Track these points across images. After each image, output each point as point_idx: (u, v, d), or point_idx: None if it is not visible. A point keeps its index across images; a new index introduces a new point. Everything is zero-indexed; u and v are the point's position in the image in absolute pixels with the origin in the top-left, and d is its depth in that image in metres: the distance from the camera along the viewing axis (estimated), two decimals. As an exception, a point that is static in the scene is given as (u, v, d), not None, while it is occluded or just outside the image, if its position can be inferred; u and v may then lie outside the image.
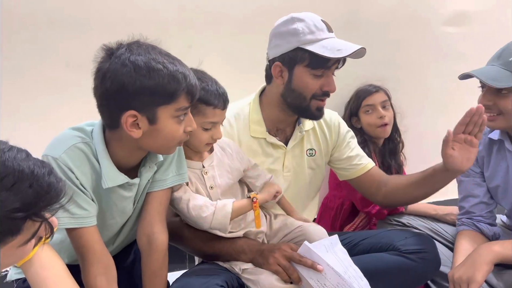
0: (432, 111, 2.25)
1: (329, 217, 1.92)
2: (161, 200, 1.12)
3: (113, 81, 0.93)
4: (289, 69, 1.31)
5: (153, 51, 0.96)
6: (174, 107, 0.98)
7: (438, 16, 2.17)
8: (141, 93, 0.93)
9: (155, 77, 0.93)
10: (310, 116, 1.37)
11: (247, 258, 1.23)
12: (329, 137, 1.49)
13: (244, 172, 1.32)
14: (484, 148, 1.46)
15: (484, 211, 1.48)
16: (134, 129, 0.97)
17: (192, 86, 0.99)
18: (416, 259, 1.29)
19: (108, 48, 0.96)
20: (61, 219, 0.97)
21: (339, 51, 1.25)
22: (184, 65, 1.00)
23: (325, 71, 1.30)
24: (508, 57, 1.27)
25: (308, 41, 1.27)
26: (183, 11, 1.70)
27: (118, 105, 0.95)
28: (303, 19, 1.30)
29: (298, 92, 1.32)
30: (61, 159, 0.98)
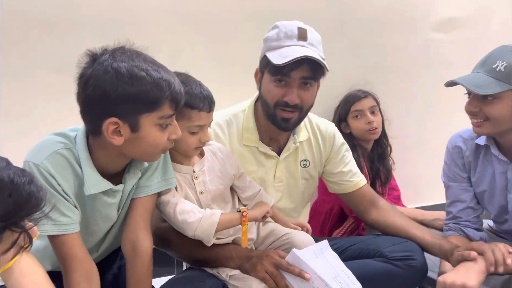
0: (420, 116, 2.26)
1: (319, 222, 1.92)
2: (146, 206, 1.11)
3: (95, 87, 0.92)
4: (262, 75, 1.33)
5: (137, 58, 0.94)
6: (157, 115, 0.97)
7: (426, 22, 2.19)
8: (123, 100, 0.92)
9: (137, 84, 0.92)
10: (277, 126, 1.33)
11: (235, 264, 1.22)
12: (323, 148, 1.48)
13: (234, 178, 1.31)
14: (471, 153, 1.47)
15: (471, 216, 1.49)
16: (116, 136, 0.96)
17: (176, 93, 0.98)
18: (403, 266, 1.29)
19: (92, 54, 0.95)
20: (43, 226, 0.95)
21: (285, 58, 1.22)
22: (169, 73, 0.99)
23: (286, 80, 1.27)
24: (492, 64, 1.28)
25: (271, 48, 1.28)
26: (173, 15, 1.69)
27: (100, 111, 0.94)
28: (278, 26, 1.30)
29: (264, 99, 1.33)
30: (43, 165, 0.96)
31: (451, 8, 2.23)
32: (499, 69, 1.26)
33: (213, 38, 1.76)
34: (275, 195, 1.41)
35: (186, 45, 1.73)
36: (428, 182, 2.08)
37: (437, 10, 2.20)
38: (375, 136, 1.89)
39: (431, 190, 2.09)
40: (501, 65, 1.26)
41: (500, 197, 1.43)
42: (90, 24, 1.59)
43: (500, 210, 1.46)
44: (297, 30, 1.27)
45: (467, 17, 2.26)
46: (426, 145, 2.21)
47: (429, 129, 2.26)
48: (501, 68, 1.26)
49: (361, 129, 1.86)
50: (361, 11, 2.03)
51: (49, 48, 1.57)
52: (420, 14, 2.17)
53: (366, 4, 2.04)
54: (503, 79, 1.26)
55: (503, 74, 1.26)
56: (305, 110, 1.33)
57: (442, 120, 2.23)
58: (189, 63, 1.72)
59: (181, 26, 1.71)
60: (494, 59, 1.29)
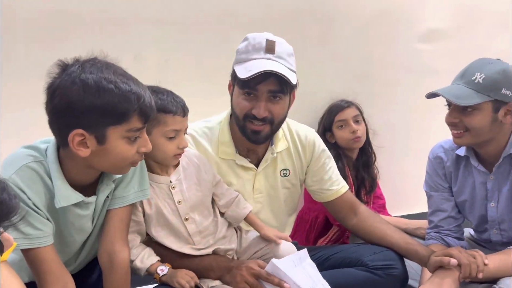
0: (405, 125, 2.28)
1: (304, 230, 1.93)
2: (122, 217, 1.11)
3: (61, 98, 0.92)
4: (233, 87, 1.34)
5: (106, 70, 0.94)
6: (125, 128, 0.96)
7: (411, 33, 2.22)
8: (89, 112, 0.92)
9: (104, 96, 0.91)
10: (248, 138, 1.33)
11: (215, 275, 1.23)
12: (303, 156, 1.47)
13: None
14: (452, 164, 1.50)
15: (452, 225, 1.51)
16: (82, 148, 0.95)
17: (146, 106, 0.97)
18: (383, 275, 1.31)
19: (62, 64, 0.95)
20: (15, 240, 0.93)
21: (249, 71, 1.22)
22: (140, 85, 0.98)
23: (254, 93, 1.27)
24: (470, 76, 1.31)
25: (239, 61, 1.29)
26: (160, 25, 1.71)
27: (66, 122, 0.94)
28: (248, 38, 1.31)
29: (234, 111, 1.33)
30: (11, 179, 0.96)
31: (436, 19, 2.26)
32: (477, 81, 1.29)
33: (201, 48, 1.77)
34: (254, 207, 1.40)
35: (173, 54, 1.74)
36: (413, 191, 2.09)
37: (422, 21, 2.23)
38: (359, 144, 1.91)
39: (416, 199, 2.09)
40: (479, 77, 1.29)
41: (480, 207, 1.46)
42: (78, 34, 1.59)
43: (480, 219, 1.48)
44: (265, 43, 1.26)
45: (451, 28, 2.29)
46: (411, 154, 2.22)
47: (414, 138, 2.28)
48: (479, 80, 1.29)
49: (345, 138, 1.87)
50: (346, 23, 2.05)
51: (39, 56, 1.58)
52: (405, 25, 2.19)
53: (352, 15, 2.06)
54: (482, 91, 1.29)
55: (482, 85, 1.29)
56: (276, 123, 1.32)
57: (427, 129, 2.25)
58: (177, 73, 1.77)
59: (168, 36, 1.72)
60: (472, 71, 1.32)
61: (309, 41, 1.99)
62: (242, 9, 1.81)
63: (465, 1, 2.30)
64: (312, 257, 1.37)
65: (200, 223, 1.25)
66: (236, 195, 1.32)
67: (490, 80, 1.28)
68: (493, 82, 1.28)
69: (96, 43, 1.54)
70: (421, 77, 2.25)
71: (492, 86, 1.28)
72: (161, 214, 1.21)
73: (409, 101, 2.27)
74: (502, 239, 1.45)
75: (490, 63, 1.32)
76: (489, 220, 1.45)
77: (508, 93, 1.29)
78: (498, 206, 1.42)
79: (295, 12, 1.93)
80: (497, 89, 1.28)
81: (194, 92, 1.68)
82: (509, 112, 1.31)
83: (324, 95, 2.00)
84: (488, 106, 1.30)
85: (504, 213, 1.41)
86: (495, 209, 1.42)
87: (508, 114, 1.32)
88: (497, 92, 1.28)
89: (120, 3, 1.63)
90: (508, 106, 1.31)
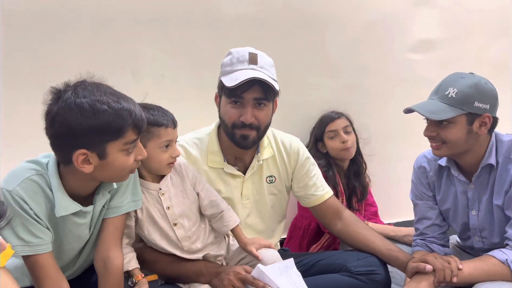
0: (397, 134, 2.33)
1: (298, 237, 2.00)
2: (117, 225, 1.19)
3: (61, 124, 1.00)
4: (220, 98, 1.42)
5: (97, 92, 1.02)
6: (122, 142, 1.05)
7: (403, 44, 2.27)
8: (88, 133, 1.00)
9: (100, 117, 1.00)
10: (237, 144, 1.41)
11: (205, 280, 1.30)
12: (288, 164, 1.55)
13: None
14: (434, 174, 1.55)
15: (436, 232, 1.56)
16: (86, 165, 1.04)
17: (138, 120, 1.06)
18: (366, 280, 1.36)
19: (55, 91, 1.03)
20: (16, 247, 1.04)
21: (235, 80, 1.31)
22: (130, 101, 1.06)
23: (240, 101, 1.36)
24: (444, 91, 1.36)
25: (225, 73, 1.38)
26: (156, 42, 1.79)
27: (68, 145, 1.02)
28: (232, 53, 1.40)
29: (223, 120, 1.42)
30: (15, 191, 1.04)
31: (427, 30, 2.30)
32: (450, 95, 1.34)
33: (195, 63, 1.85)
34: (243, 212, 1.48)
35: (168, 70, 1.82)
36: (405, 198, 2.14)
37: (413, 32, 2.28)
38: (350, 155, 1.97)
39: (408, 206, 2.15)
40: (452, 92, 1.34)
41: (463, 215, 1.50)
42: (75, 51, 1.67)
43: (463, 227, 1.53)
44: (248, 55, 1.36)
45: (442, 38, 2.34)
46: (403, 162, 2.22)
47: (406, 146, 2.31)
48: (452, 94, 1.34)
49: (336, 148, 1.94)
50: (338, 33, 2.11)
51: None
52: (397, 35, 2.24)
53: (343, 27, 2.11)
54: (455, 105, 1.33)
55: (455, 100, 1.34)
56: (262, 129, 1.41)
57: (418, 137, 2.27)
58: (172, 87, 1.85)
59: (163, 52, 1.80)
60: (446, 87, 1.37)
61: (302, 52, 2.04)
62: (236, 24, 1.88)
63: (455, 12, 2.35)
64: (299, 263, 1.43)
65: (188, 228, 1.32)
66: (221, 210, 1.35)
67: (463, 94, 1.33)
68: (466, 96, 1.32)
69: (92, 62, 1.66)
70: (412, 86, 2.29)
71: (465, 100, 1.33)
72: (152, 218, 1.29)
73: (400, 109, 2.28)
74: (483, 246, 1.49)
75: (462, 77, 1.36)
76: (471, 228, 1.50)
77: (481, 105, 1.33)
78: (479, 214, 1.46)
79: (288, 24, 1.99)
80: (470, 103, 1.33)
81: (189, 105, 1.78)
82: (483, 124, 1.36)
83: (316, 106, 2.07)
84: (462, 119, 1.34)
85: (485, 222, 1.45)
86: (476, 217, 1.47)
87: (483, 126, 1.36)
88: (470, 105, 1.33)
89: (117, 22, 1.71)
90: (482, 118, 1.35)
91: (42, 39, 1.62)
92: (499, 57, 2.44)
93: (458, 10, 2.35)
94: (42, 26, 1.61)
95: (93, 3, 1.66)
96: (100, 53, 1.70)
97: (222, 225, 1.35)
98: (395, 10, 2.21)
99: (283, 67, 1.95)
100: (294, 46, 2.03)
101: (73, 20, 1.65)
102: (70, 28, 1.65)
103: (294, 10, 2.00)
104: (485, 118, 1.35)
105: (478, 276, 1.29)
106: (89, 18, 1.67)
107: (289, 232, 2.07)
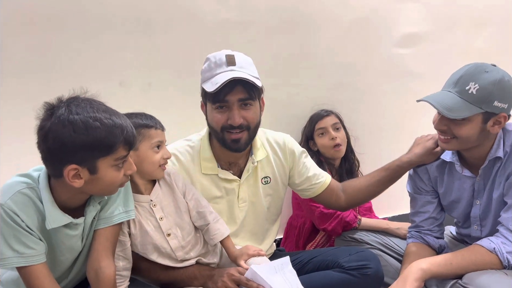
0: (388, 128, 2.35)
1: (294, 236, 2.01)
2: (108, 236, 1.20)
3: (54, 140, 1.02)
4: (205, 105, 1.43)
5: (90, 109, 1.04)
6: (113, 158, 1.08)
7: (389, 39, 2.29)
8: (80, 149, 1.02)
9: (93, 134, 1.02)
10: (229, 148, 1.40)
11: (199, 283, 1.32)
12: (284, 161, 1.55)
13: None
14: (437, 169, 1.53)
15: (432, 225, 1.56)
16: (76, 179, 1.06)
17: (129, 136, 1.09)
18: (358, 274, 1.38)
19: (49, 107, 1.05)
20: (11, 259, 1.06)
21: (216, 84, 1.31)
22: (121, 118, 1.09)
23: (225, 104, 1.36)
24: (464, 85, 1.28)
25: (205, 79, 1.38)
26: (142, 51, 1.81)
27: (60, 160, 1.04)
28: (209, 58, 1.40)
29: (211, 126, 1.42)
30: (7, 205, 1.07)
31: (413, 24, 2.32)
32: (471, 91, 1.27)
33: (181, 70, 1.87)
34: (240, 215, 1.49)
35: (154, 78, 1.84)
36: (397, 193, 2.15)
37: (399, 27, 2.30)
38: (340, 154, 1.98)
39: (400, 201, 2.17)
40: (473, 88, 1.27)
41: (467, 206, 1.49)
42: (62, 63, 1.69)
43: (465, 216, 1.53)
44: (225, 58, 1.35)
45: (429, 31, 2.36)
46: (395, 157, 2.27)
47: (397, 141, 2.30)
48: (473, 91, 1.26)
49: (326, 146, 1.96)
50: (325, 32, 2.12)
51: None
52: (383, 31, 2.26)
53: (330, 25, 2.13)
54: (474, 103, 1.27)
55: (475, 97, 1.26)
56: (252, 128, 1.40)
57: (409, 132, 2.28)
58: (159, 95, 1.86)
59: (149, 61, 1.82)
60: (467, 80, 1.29)
61: (289, 53, 2.06)
62: (220, 29, 1.90)
63: (439, 5, 2.36)
64: (294, 261, 1.44)
65: (182, 238, 1.33)
66: (207, 223, 1.35)
67: (484, 91, 1.26)
68: (487, 94, 1.26)
69: (81, 71, 1.68)
70: (401, 79, 2.32)
71: (485, 98, 1.26)
72: (145, 231, 1.29)
73: (391, 103, 2.33)
74: (481, 234, 1.49)
75: (486, 71, 1.28)
76: (472, 216, 1.49)
77: (500, 105, 1.28)
78: (482, 203, 1.45)
79: (273, 26, 2.01)
80: (490, 101, 1.26)
81: (177, 112, 1.80)
82: (498, 123, 1.32)
83: (306, 105, 2.08)
84: (479, 118, 1.29)
85: (487, 210, 1.44)
86: (479, 206, 1.46)
87: (497, 124, 1.32)
88: (489, 105, 1.27)
89: (102, 32, 1.73)
90: (497, 117, 1.30)
91: (28, 50, 1.64)
92: (485, 48, 2.45)
93: (442, 3, 2.37)
94: (28, 37, 1.63)
95: (78, 14, 1.68)
96: (87, 64, 1.72)
97: (209, 238, 1.35)
98: (380, 6, 2.23)
99: (270, 69, 2.01)
100: (280, 47, 2.05)
101: (59, 31, 1.67)
102: (56, 39, 1.67)
103: (278, 11, 2.01)
104: (501, 118, 1.31)
105: (466, 266, 1.30)
106: (75, 29, 1.69)
107: (285, 232, 2.09)
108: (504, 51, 2.44)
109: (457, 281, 1.29)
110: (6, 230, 1.07)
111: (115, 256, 1.24)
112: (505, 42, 2.49)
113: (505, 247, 1.30)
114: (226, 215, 1.47)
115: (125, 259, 1.28)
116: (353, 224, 1.81)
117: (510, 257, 1.29)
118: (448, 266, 1.30)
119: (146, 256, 1.32)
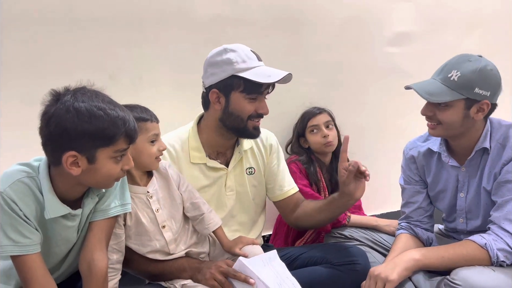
0: (378, 128, 2.37)
1: (283, 232, 2.02)
2: (103, 229, 1.21)
3: (57, 125, 1.02)
4: (226, 94, 1.43)
5: (96, 98, 1.06)
6: (112, 149, 1.08)
7: (380, 38, 2.31)
8: (82, 136, 1.03)
9: (95, 122, 1.03)
10: (249, 135, 1.49)
11: (187, 275, 1.33)
12: (265, 156, 1.61)
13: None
14: (424, 157, 1.57)
15: (422, 216, 1.59)
16: (74, 167, 1.06)
17: (131, 130, 1.10)
18: (346, 270, 1.41)
19: (55, 93, 1.06)
20: (6, 247, 1.07)
21: (269, 77, 1.38)
22: (125, 111, 1.10)
23: (258, 96, 1.43)
24: (447, 73, 1.35)
25: (241, 69, 1.40)
26: (132, 44, 1.80)
27: (60, 146, 1.05)
28: (235, 50, 1.42)
29: (236, 115, 1.44)
30: (6, 192, 1.07)
31: (404, 23, 2.34)
32: (453, 78, 1.33)
33: (172, 64, 1.86)
34: (227, 204, 1.52)
35: (146, 72, 1.83)
36: (387, 191, 2.18)
37: (391, 26, 2.31)
38: (331, 148, 2.00)
39: (389, 198, 2.19)
40: (455, 75, 1.33)
41: (452, 197, 1.53)
42: (53, 55, 1.67)
43: (450, 209, 1.56)
44: (252, 53, 1.43)
45: (419, 31, 2.38)
46: (386, 154, 2.30)
47: (387, 140, 2.36)
48: (455, 78, 1.33)
49: (318, 143, 1.97)
50: (316, 30, 2.13)
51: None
52: (374, 30, 2.27)
53: (321, 24, 2.14)
54: (456, 89, 1.33)
55: (456, 83, 1.33)
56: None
57: (398, 130, 2.33)
58: (151, 89, 1.85)
59: (140, 54, 1.81)
60: (450, 68, 1.35)
61: (280, 51, 2.06)
62: (212, 24, 1.89)
63: (431, 6, 2.39)
64: (282, 257, 1.45)
65: (176, 231, 1.35)
66: (202, 213, 1.38)
67: (465, 78, 1.31)
68: (467, 81, 1.31)
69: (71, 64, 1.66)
70: (392, 78, 2.33)
71: (466, 85, 1.32)
72: (140, 223, 1.30)
73: (381, 102, 2.34)
74: (466, 228, 1.52)
75: (469, 60, 1.34)
76: (457, 209, 1.52)
77: (481, 92, 1.32)
78: (467, 196, 1.49)
79: (265, 22, 2.01)
80: (470, 88, 1.32)
81: (168, 106, 1.79)
82: (481, 110, 1.36)
83: (298, 103, 2.09)
84: (461, 103, 1.35)
85: (472, 204, 1.48)
86: (464, 199, 1.49)
87: (480, 112, 1.36)
88: (470, 91, 1.32)
89: (93, 26, 1.71)
90: (480, 104, 1.35)
91: (18, 43, 1.62)
92: (475, 48, 2.47)
93: (434, 3, 2.39)
94: (18, 31, 1.61)
95: (69, 7, 1.66)
96: (77, 57, 1.70)
97: (203, 228, 1.38)
98: (372, 5, 2.24)
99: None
100: (272, 45, 2.04)
101: (49, 24, 1.65)
102: (47, 32, 1.65)
103: (271, 9, 2.01)
104: (484, 105, 1.35)
105: (457, 261, 1.32)
106: (65, 22, 1.67)
107: (274, 228, 2.09)
108: (495, 52, 2.44)
109: (445, 277, 1.31)
110: (3, 218, 1.07)
111: (109, 249, 1.24)
112: (495, 43, 2.52)
113: (496, 244, 1.32)
114: (215, 203, 1.51)
115: (119, 252, 1.29)
116: (342, 221, 1.83)
117: (500, 253, 1.31)
118: (439, 260, 1.32)
119: (138, 250, 1.32)
